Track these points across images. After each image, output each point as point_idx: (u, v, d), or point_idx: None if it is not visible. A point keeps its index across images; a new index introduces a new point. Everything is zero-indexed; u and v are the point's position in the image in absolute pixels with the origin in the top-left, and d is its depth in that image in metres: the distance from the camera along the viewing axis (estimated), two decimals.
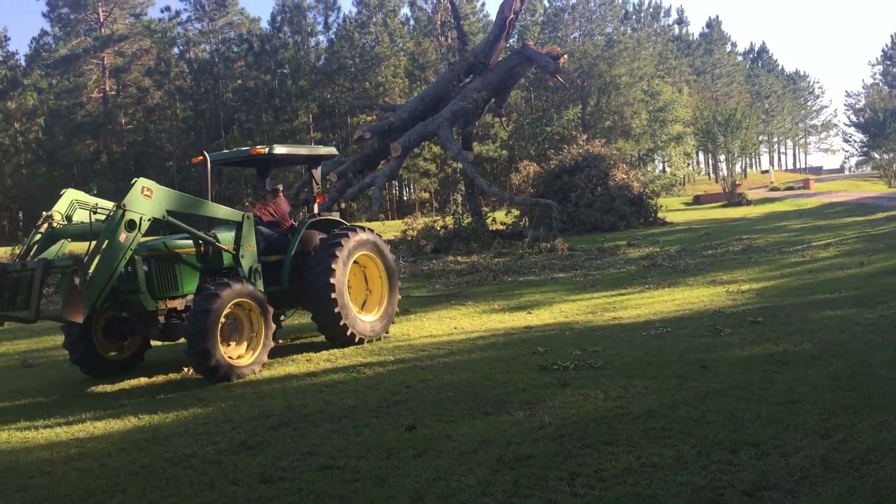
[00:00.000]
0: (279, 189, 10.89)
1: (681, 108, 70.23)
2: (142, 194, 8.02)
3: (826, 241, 18.37)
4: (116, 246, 7.72)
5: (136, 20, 65.29)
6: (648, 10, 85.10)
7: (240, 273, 9.07)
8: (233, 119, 59.77)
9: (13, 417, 7.39)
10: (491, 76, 26.57)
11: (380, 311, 10.62)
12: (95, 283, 7.51)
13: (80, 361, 8.99)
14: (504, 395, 6.89)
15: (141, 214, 7.96)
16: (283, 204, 10.68)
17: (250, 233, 9.29)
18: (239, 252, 9.14)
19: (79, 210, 8.84)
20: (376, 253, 10.60)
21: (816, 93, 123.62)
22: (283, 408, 7.04)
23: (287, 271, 9.77)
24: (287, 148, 10.35)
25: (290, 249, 9.86)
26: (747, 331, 8.91)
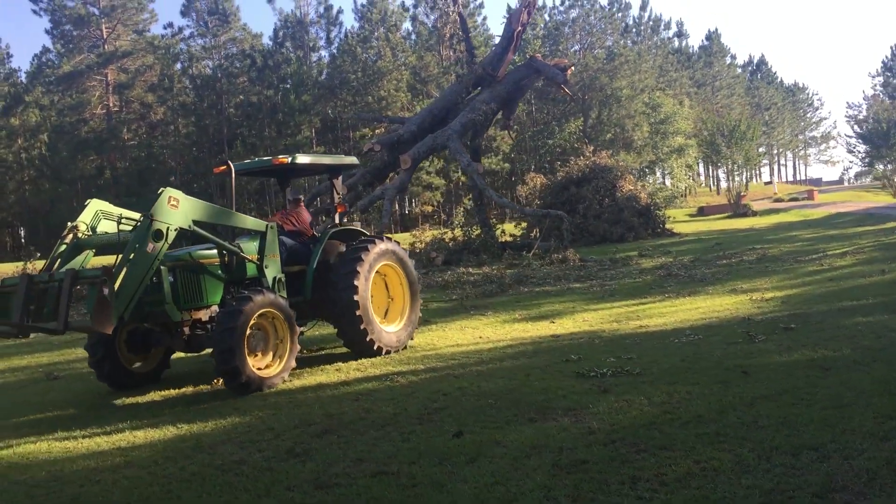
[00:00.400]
0: (300, 199, 10.87)
1: (682, 120, 70.43)
2: (168, 204, 7.96)
3: (841, 251, 18.35)
4: (144, 256, 7.67)
5: (140, 37, 65.47)
6: (648, 23, 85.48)
7: (264, 283, 9.00)
8: (236, 134, 59.83)
9: (49, 428, 7.34)
10: (499, 88, 26.64)
11: (402, 321, 10.57)
12: (124, 293, 7.44)
13: (107, 377, 8.94)
14: (546, 402, 6.83)
15: (168, 224, 7.90)
16: (304, 214, 10.65)
17: (274, 243, 9.25)
18: (263, 262, 9.09)
19: (103, 220, 8.77)
20: (397, 262, 10.55)
21: (815, 104, 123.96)
22: (323, 415, 6.99)
23: (310, 282, 9.70)
24: (310, 158, 10.38)
25: (312, 260, 9.82)
26: (781, 337, 8.87)
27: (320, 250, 9.90)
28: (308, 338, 11.53)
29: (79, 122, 60.76)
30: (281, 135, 59.50)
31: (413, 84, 61.85)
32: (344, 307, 9.51)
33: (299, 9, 65.55)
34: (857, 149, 77.45)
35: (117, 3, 64.22)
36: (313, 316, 10.28)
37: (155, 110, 62.83)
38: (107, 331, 7.22)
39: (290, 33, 63.71)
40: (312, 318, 10.48)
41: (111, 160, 60.64)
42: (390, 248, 10.39)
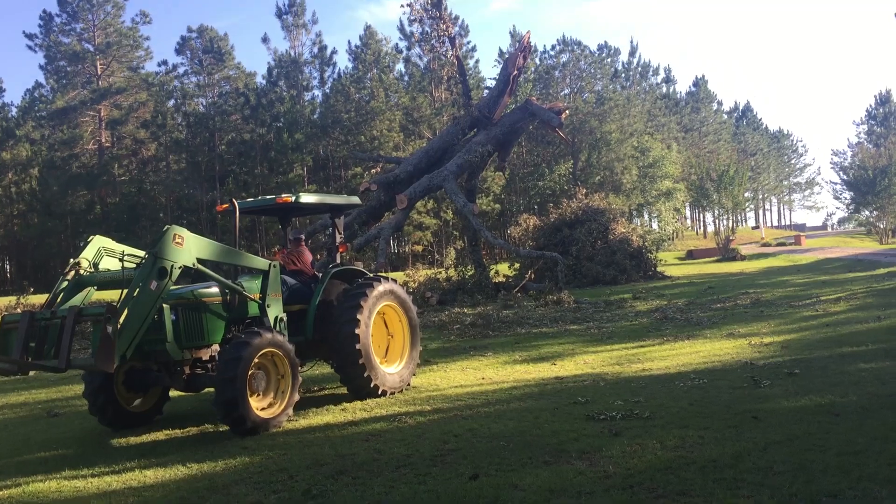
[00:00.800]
0: (302, 238, 10.85)
1: (670, 165, 71.20)
2: (174, 242, 7.88)
3: (835, 296, 18.51)
4: (147, 294, 7.57)
5: (134, 73, 65.97)
6: (637, 69, 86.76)
7: (265, 323, 8.90)
8: (228, 171, 60.05)
9: (56, 467, 7.26)
10: (495, 130, 26.92)
11: (402, 362, 10.50)
12: (127, 332, 7.34)
13: (99, 412, 8.76)
14: (558, 445, 6.84)
15: (172, 262, 7.82)
16: (305, 253, 10.63)
17: (276, 282, 9.15)
18: (265, 301, 8.99)
19: (106, 257, 8.66)
20: (398, 303, 10.48)
21: (800, 151, 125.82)
22: (334, 456, 6.96)
23: (311, 321, 9.64)
24: (313, 197, 10.39)
25: (313, 299, 9.76)
26: (786, 382, 8.92)
27: (322, 289, 9.84)
28: (308, 377, 11.48)
29: (70, 157, 60.87)
30: (273, 172, 59.74)
31: (405, 124, 62.38)
32: (344, 348, 9.47)
33: (294, 49, 66.30)
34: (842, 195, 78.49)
35: (112, 41, 64.75)
36: (313, 356, 10.20)
37: (147, 146, 63.06)
38: (109, 370, 7.13)
39: (283, 73, 64.23)
40: (312, 358, 10.38)
41: (102, 195, 60.61)
42: (391, 289, 10.32)
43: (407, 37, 66.88)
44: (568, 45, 74.53)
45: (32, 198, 59.50)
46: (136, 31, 65.82)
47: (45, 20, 64.19)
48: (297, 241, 10.71)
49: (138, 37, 66.13)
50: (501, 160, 29.57)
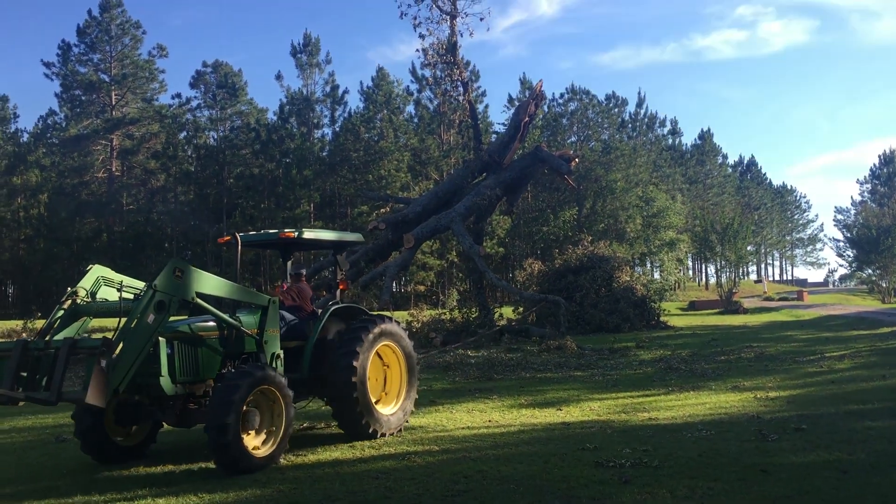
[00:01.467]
0: (303, 273, 10.64)
1: (674, 215, 71.60)
2: (174, 275, 7.75)
3: (839, 353, 18.56)
4: (144, 328, 7.40)
5: (148, 105, 66.76)
6: (644, 119, 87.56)
7: (262, 359, 8.72)
8: (235, 204, 60.49)
9: (68, 492, 7.32)
10: (505, 175, 27.22)
11: (399, 403, 10.31)
12: (121, 366, 7.14)
13: (92, 450, 8.55)
14: (568, 490, 6.89)
15: (171, 296, 7.68)
16: (305, 289, 10.42)
17: (275, 318, 8.95)
18: (263, 337, 8.79)
19: (104, 287, 8.50)
20: (396, 343, 10.31)
21: (803, 207, 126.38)
22: (345, 492, 7.01)
23: (308, 359, 9.47)
24: (315, 233, 10.36)
25: (312, 336, 9.58)
26: (794, 437, 8.97)
27: (321, 327, 9.67)
28: (315, 413, 11.53)
29: (80, 184, 61.45)
30: (280, 207, 60.16)
31: (413, 165, 62.94)
32: (341, 387, 9.31)
33: (306, 87, 67.06)
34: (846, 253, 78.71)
35: (128, 72, 65.70)
36: (308, 393, 9.96)
37: (157, 177, 63.61)
38: (101, 405, 6.90)
39: (295, 110, 65.01)
40: (308, 396, 10.08)
41: (109, 223, 60.97)
42: (390, 329, 10.16)
43: (418, 79, 67.78)
44: (576, 94, 75.43)
45: (40, 223, 59.85)
46: (152, 64, 66.82)
47: (64, 49, 65.24)
48: (298, 276, 10.54)
49: (154, 69, 67.11)
50: (510, 204, 29.84)
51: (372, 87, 68.22)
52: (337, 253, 10.86)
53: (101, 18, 64.42)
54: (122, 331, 7.31)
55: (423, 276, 59.40)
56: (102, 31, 64.61)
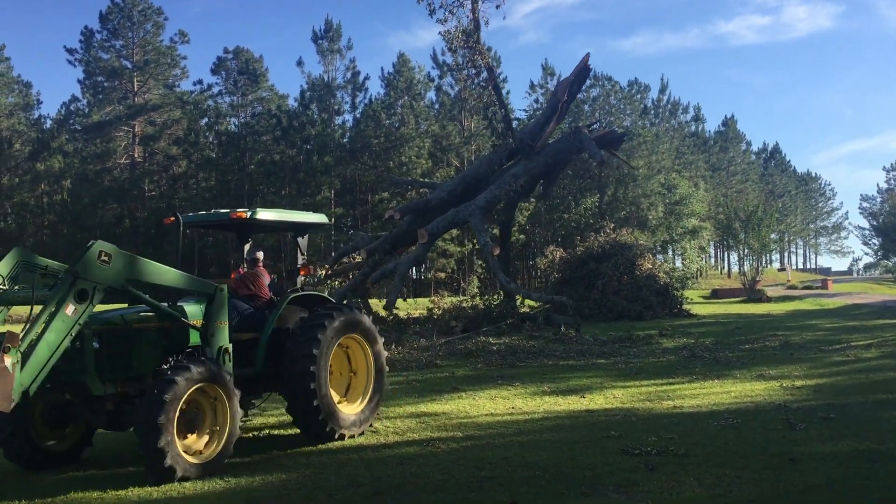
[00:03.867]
0: (259, 258, 9.60)
1: (697, 203, 71.03)
2: (99, 260, 6.85)
3: (866, 342, 18.33)
4: (62, 320, 6.55)
5: (170, 91, 67.07)
6: (667, 106, 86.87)
7: (207, 353, 7.80)
8: (256, 191, 60.67)
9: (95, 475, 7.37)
10: (537, 160, 26.67)
11: (364, 402, 9.34)
12: (33, 364, 6.33)
13: (17, 456, 7.71)
14: (594, 477, 6.86)
15: (95, 283, 6.79)
16: (263, 275, 9.45)
17: (222, 308, 8.06)
18: (208, 329, 7.92)
19: (26, 272, 7.41)
20: (364, 336, 9.36)
21: (828, 195, 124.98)
22: (371, 478, 7.02)
23: (262, 351, 8.60)
24: (272, 213, 9.40)
25: (267, 327, 8.69)
26: (822, 426, 8.87)
27: (277, 317, 8.83)
28: None
29: (102, 170, 61.85)
30: (301, 193, 60.29)
31: (434, 152, 62.81)
32: (298, 386, 8.39)
33: (327, 73, 67.08)
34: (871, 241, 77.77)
35: (150, 59, 65.99)
36: (265, 389, 9.15)
37: (178, 163, 63.92)
38: (4, 409, 6.11)
39: (316, 96, 65.06)
40: (264, 392, 9.28)
41: (131, 210, 61.42)
42: (357, 320, 9.20)
43: (439, 65, 67.57)
44: (598, 80, 74.85)
45: (63, 209, 60.41)
46: (173, 50, 67.03)
47: (86, 36, 65.66)
48: (254, 261, 9.56)
49: (176, 55, 67.34)
50: (546, 189, 29.44)
51: (393, 73, 68.05)
52: (298, 235, 9.82)
53: (123, 4, 64.68)
54: (34, 323, 6.50)
55: (444, 264, 59.39)
56: (124, 18, 64.90)
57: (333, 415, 8.65)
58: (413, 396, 12.37)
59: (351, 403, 9.29)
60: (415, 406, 11.39)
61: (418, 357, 17.42)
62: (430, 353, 17.99)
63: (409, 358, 17.32)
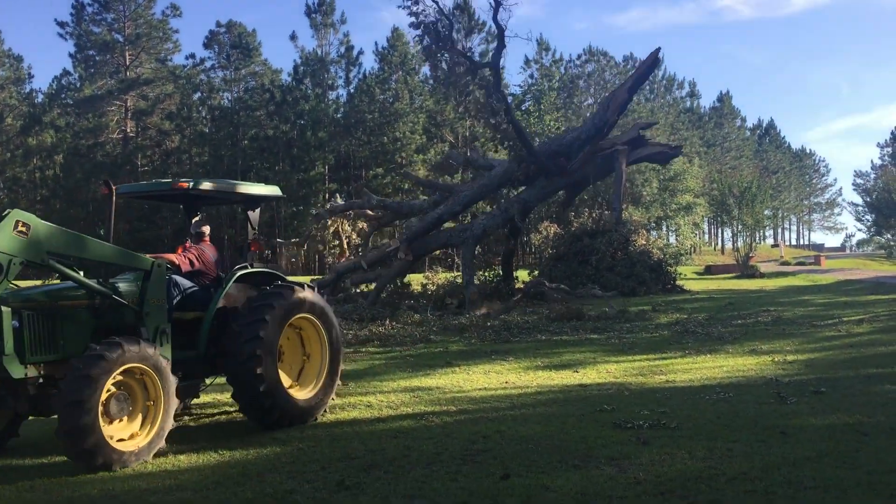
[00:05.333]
0: (205, 232, 8.99)
1: (691, 179, 71.03)
2: (15, 231, 6.46)
3: (857, 317, 18.43)
4: None
5: (162, 65, 66.62)
6: (662, 81, 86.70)
7: (142, 334, 7.27)
8: (250, 166, 60.42)
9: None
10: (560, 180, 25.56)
11: (317, 387, 8.68)
12: None
13: None
14: (587, 450, 6.90)
15: (11, 256, 6.40)
16: (208, 251, 8.84)
17: (159, 284, 7.53)
18: (143, 308, 7.35)
19: None
20: (318, 317, 8.72)
21: (822, 171, 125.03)
22: (365, 450, 7.06)
23: (205, 333, 8.00)
24: (217, 184, 8.65)
25: (211, 306, 8.09)
26: (813, 400, 8.93)
27: (222, 295, 8.21)
28: None
29: (95, 145, 61.52)
30: (294, 169, 60.12)
31: (428, 127, 62.58)
32: (243, 362, 7.76)
33: (321, 47, 66.63)
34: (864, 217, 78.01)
35: (142, 32, 65.47)
36: (209, 373, 8.54)
37: (171, 138, 63.59)
38: None
39: (309, 71, 64.65)
40: (210, 376, 8.69)
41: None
42: (311, 299, 8.56)
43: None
44: (594, 55, 74.66)
45: (56, 184, 60.14)
46: (165, 24, 66.52)
47: (78, 9, 65.09)
48: (200, 235, 8.97)
49: (168, 29, 66.83)
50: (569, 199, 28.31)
51: (387, 47, 67.64)
52: (248, 209, 9.22)
53: None
54: None
55: None
56: None
57: (281, 398, 7.99)
58: (407, 371, 12.42)
59: (304, 388, 8.67)
60: (408, 380, 11.44)
61: (412, 332, 17.45)
62: (424, 328, 18.03)
63: (403, 333, 17.35)
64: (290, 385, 8.51)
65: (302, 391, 8.59)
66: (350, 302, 22.97)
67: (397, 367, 12.91)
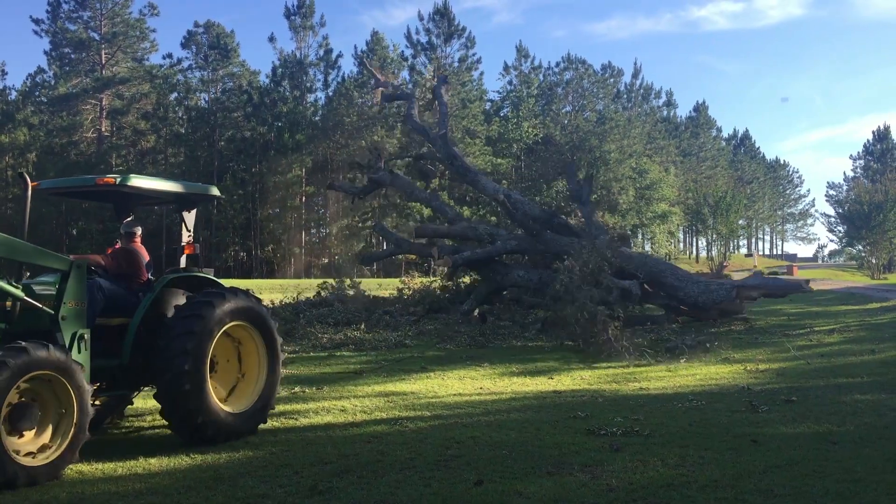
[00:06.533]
0: (136, 233, 8.38)
1: (667, 188, 71.66)
2: None
3: (828, 327, 18.64)
4: None
5: (138, 64, 66.08)
6: (639, 90, 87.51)
7: (58, 339, 6.69)
8: (226, 167, 60.15)
9: None
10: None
11: (252, 400, 8.04)
12: None
13: None
14: (560, 457, 6.92)
15: None
16: (138, 253, 8.25)
17: (78, 286, 6.95)
18: (59, 311, 6.77)
19: None
20: (255, 325, 8.08)
21: (795, 182, 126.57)
22: (338, 455, 7.03)
23: (130, 340, 7.39)
24: (147, 181, 7.99)
25: (137, 312, 7.50)
26: (784, 409, 9.03)
27: (151, 301, 7.65)
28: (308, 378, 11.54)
29: (69, 143, 60.90)
30: (271, 171, 59.82)
31: (407, 131, 62.50)
32: (170, 374, 7.22)
33: (300, 50, 66.48)
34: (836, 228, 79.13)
35: (119, 31, 64.94)
36: (134, 384, 7.96)
37: (147, 138, 63.09)
38: None
39: (288, 73, 64.47)
40: (133, 388, 8.14)
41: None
42: (247, 306, 7.97)
43: (413, 45, 67.26)
44: (572, 63, 75.10)
45: None
46: (143, 23, 66.05)
47: (53, 6, 64.44)
48: (130, 236, 8.35)
49: (145, 28, 66.38)
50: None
51: (366, 51, 67.60)
52: (183, 209, 8.64)
53: None
54: None
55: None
56: None
57: (211, 413, 7.40)
58: (382, 376, 12.39)
59: (240, 400, 8.03)
60: (383, 385, 11.41)
61: (387, 337, 17.40)
62: (399, 334, 17.98)
63: (378, 338, 17.30)
64: (223, 397, 7.93)
65: (237, 404, 7.95)
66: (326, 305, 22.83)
67: (372, 371, 12.87)
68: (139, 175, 8.01)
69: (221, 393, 7.93)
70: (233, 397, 8.05)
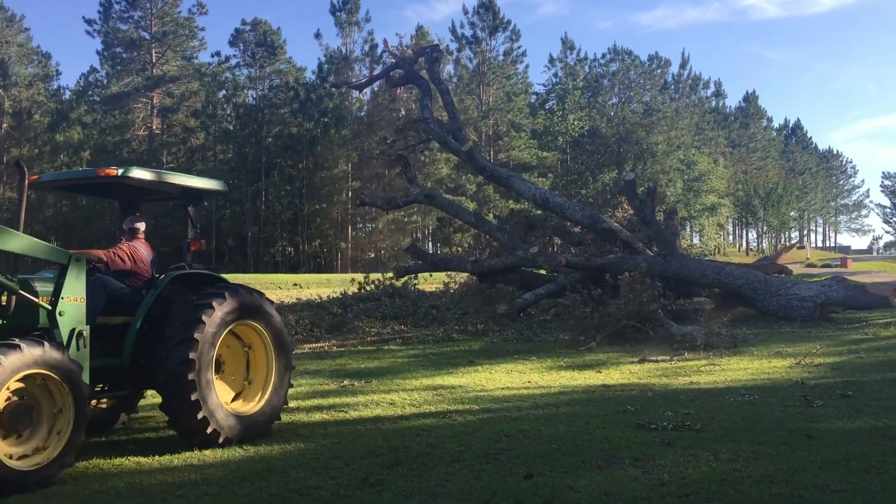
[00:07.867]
0: (139, 229, 8.11)
1: (716, 180, 70.58)
2: None
3: (885, 321, 18.16)
4: None
5: (188, 63, 67.19)
6: (687, 81, 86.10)
7: (55, 336, 6.42)
8: (274, 163, 60.83)
9: (114, 442, 7.48)
10: None
11: (261, 401, 7.81)
12: None
13: None
14: (610, 451, 6.88)
15: None
16: (141, 249, 7.96)
17: (78, 281, 6.68)
18: (58, 307, 6.49)
19: None
20: (263, 324, 7.87)
21: (849, 172, 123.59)
22: (388, 448, 7.08)
23: (131, 339, 7.15)
24: (150, 174, 7.56)
25: (140, 309, 7.27)
26: (839, 403, 8.84)
27: (153, 298, 7.39)
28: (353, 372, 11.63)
29: (121, 142, 62.18)
30: (318, 167, 60.39)
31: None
32: (172, 381, 6.96)
33: (345, 45, 66.88)
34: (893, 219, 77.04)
35: (169, 30, 66.07)
36: (137, 385, 7.67)
37: (196, 135, 64.14)
38: None
39: (334, 69, 64.90)
40: (136, 388, 7.84)
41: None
42: (255, 304, 7.76)
43: (458, 38, 67.23)
44: (618, 55, 74.35)
45: None
46: (192, 22, 67.14)
47: (105, 7, 65.80)
48: (133, 232, 8.08)
49: (194, 27, 67.47)
50: None
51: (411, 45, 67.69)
52: (189, 205, 8.30)
53: None
54: None
55: (461, 238, 59.35)
56: None
57: (214, 411, 7.10)
58: (429, 370, 12.45)
59: (247, 402, 7.84)
60: (431, 379, 11.47)
61: (434, 331, 17.47)
62: (446, 327, 18.03)
63: (426, 332, 17.38)
64: (231, 398, 7.77)
65: (244, 406, 7.76)
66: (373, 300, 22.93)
67: (420, 365, 12.95)
68: (142, 167, 7.71)
69: (230, 393, 7.78)
70: (242, 396, 7.88)
